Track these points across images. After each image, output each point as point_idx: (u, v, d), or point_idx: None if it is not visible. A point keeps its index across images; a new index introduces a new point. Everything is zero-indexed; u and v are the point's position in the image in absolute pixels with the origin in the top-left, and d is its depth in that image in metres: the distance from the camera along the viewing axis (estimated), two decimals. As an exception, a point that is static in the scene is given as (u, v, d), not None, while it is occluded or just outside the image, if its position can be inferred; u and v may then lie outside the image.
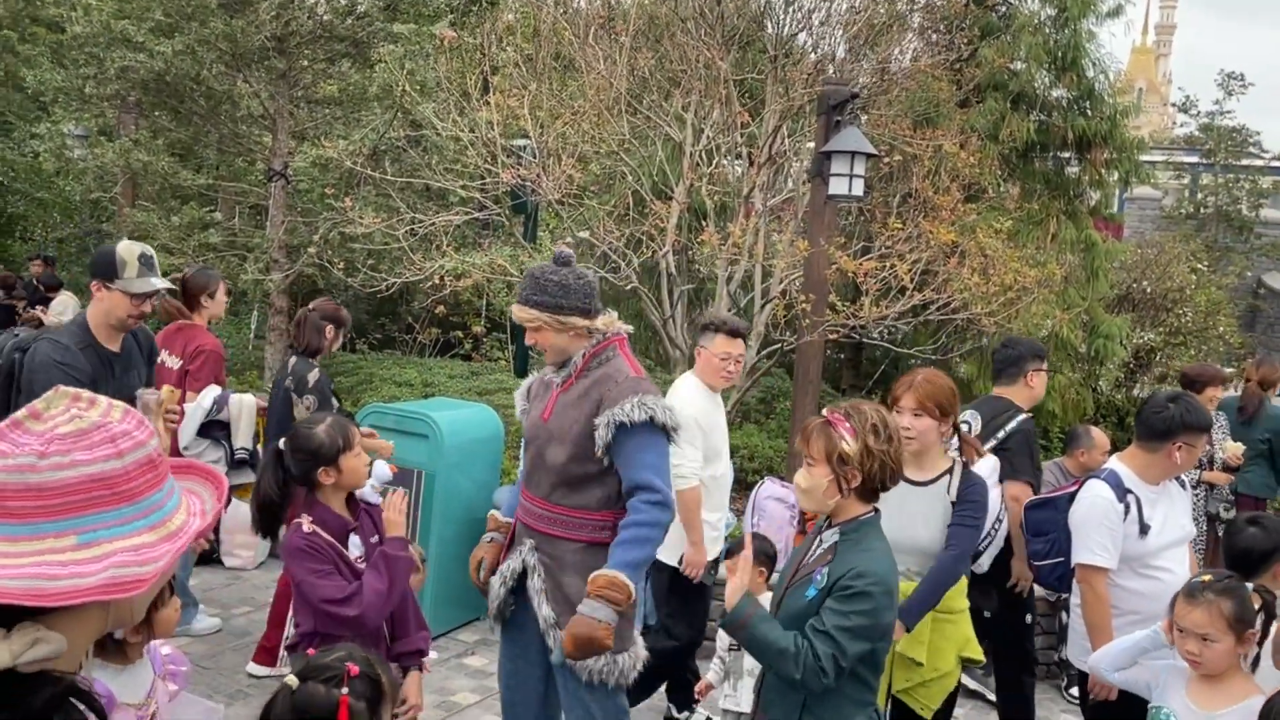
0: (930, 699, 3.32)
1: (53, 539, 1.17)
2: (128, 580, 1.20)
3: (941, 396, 3.32)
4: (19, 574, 1.14)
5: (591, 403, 2.99)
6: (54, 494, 1.18)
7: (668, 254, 7.04)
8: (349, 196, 7.37)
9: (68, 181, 11.51)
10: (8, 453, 1.17)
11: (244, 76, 8.98)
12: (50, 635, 1.19)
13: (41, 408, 1.22)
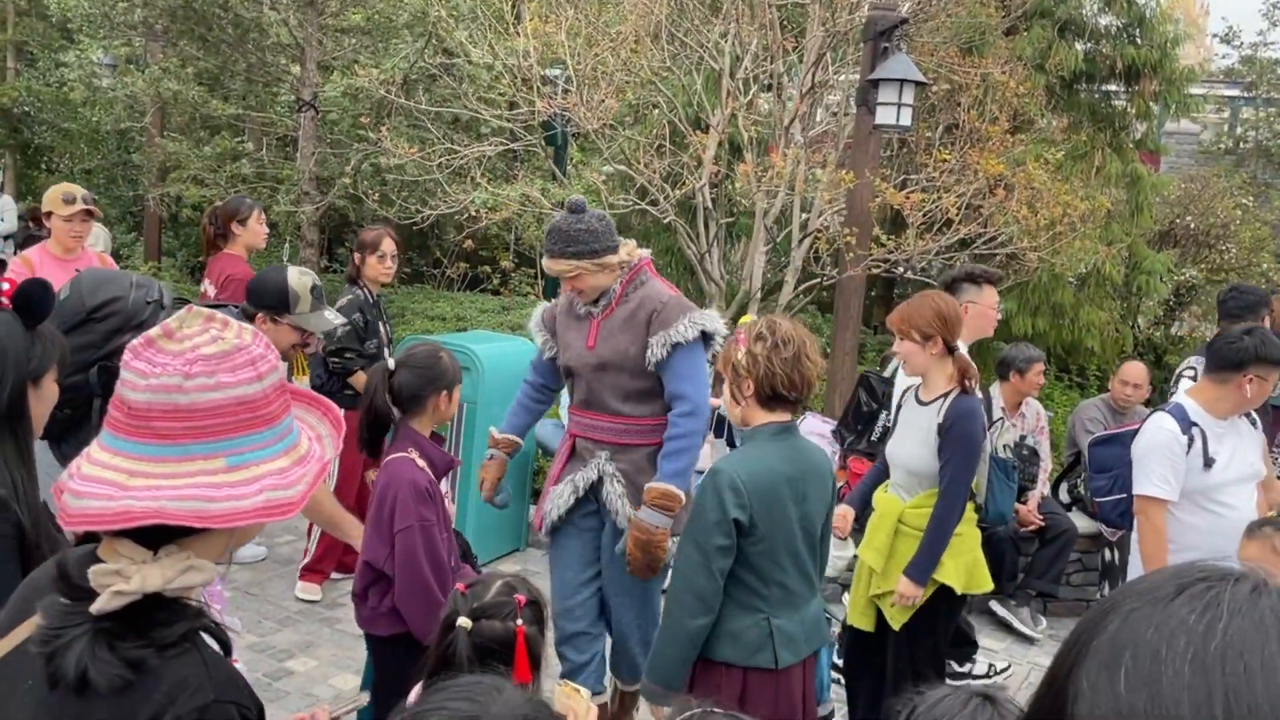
0: (898, 611, 3.41)
1: (202, 461, 1.16)
2: (281, 503, 1.19)
3: (919, 319, 3.30)
4: (178, 495, 1.13)
5: (640, 324, 3.26)
6: (201, 415, 1.16)
7: (704, 187, 6.93)
8: (384, 126, 7.25)
9: (95, 111, 11.41)
10: (148, 372, 1.15)
11: (271, 3, 8.82)
12: (201, 563, 1.18)
13: (175, 326, 1.19)
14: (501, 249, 12.02)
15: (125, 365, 1.17)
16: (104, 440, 1.19)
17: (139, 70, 9.29)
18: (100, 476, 1.15)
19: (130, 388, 1.16)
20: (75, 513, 1.13)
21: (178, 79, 8.67)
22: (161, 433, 1.15)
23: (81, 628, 1.12)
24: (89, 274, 2.62)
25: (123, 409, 1.17)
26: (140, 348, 1.18)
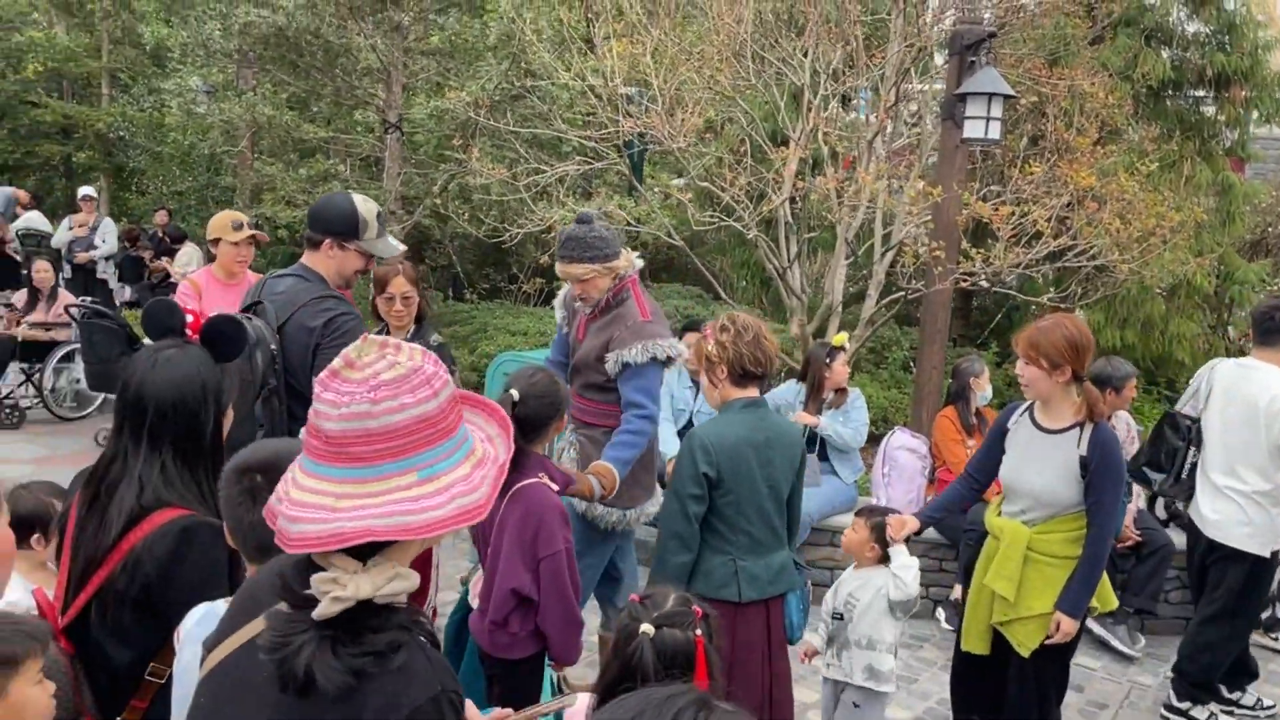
0: (1027, 637, 3.38)
1: (396, 478, 1.25)
2: (471, 508, 1.28)
3: (1048, 346, 3.23)
4: (380, 512, 1.22)
5: (607, 337, 3.66)
6: (390, 437, 1.25)
7: (785, 202, 6.97)
8: (473, 147, 7.43)
9: (189, 136, 11.86)
10: (338, 402, 1.24)
11: (359, 29, 9.09)
12: (406, 571, 1.28)
13: (354, 357, 1.28)
14: (578, 264, 12.21)
15: (316, 398, 1.26)
16: (306, 466, 1.28)
17: (235, 96, 9.64)
18: (310, 501, 1.24)
19: (325, 418, 1.25)
20: (294, 537, 1.23)
21: (271, 104, 8.98)
22: (358, 456, 1.24)
23: (307, 634, 1.22)
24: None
25: (320, 437, 1.26)
26: (327, 380, 1.27)
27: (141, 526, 1.93)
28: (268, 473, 1.72)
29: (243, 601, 1.39)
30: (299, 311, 3.14)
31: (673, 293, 11.37)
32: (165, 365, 2.02)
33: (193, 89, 10.23)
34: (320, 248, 3.30)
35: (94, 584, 1.93)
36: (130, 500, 1.94)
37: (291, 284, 3.23)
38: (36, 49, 16.36)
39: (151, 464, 1.97)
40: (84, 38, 16.70)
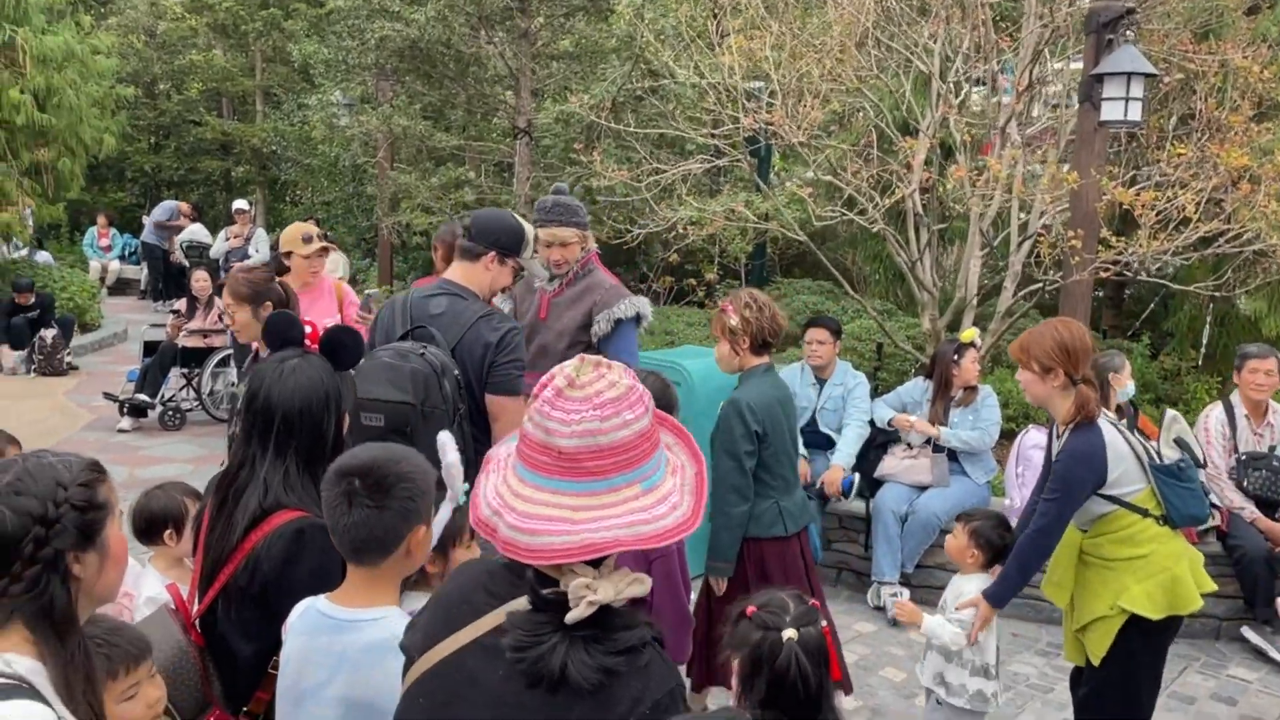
0: (1095, 644, 3.26)
1: (626, 489, 1.34)
2: (686, 519, 1.36)
3: (1039, 350, 3.15)
4: (621, 523, 1.32)
5: (587, 304, 3.81)
6: (617, 451, 1.34)
7: (914, 192, 6.78)
8: (596, 149, 7.53)
9: (333, 148, 12.42)
10: (569, 420, 1.33)
11: (488, 37, 9.33)
12: (641, 576, 1.36)
13: (574, 376, 1.37)
14: (706, 262, 12.21)
15: (545, 416, 1.34)
16: (533, 480, 1.36)
17: (373, 108, 10.04)
18: (546, 514, 1.32)
19: (558, 435, 1.33)
20: (538, 548, 1.31)
21: (406, 114, 9.32)
22: (590, 470, 1.33)
23: (557, 635, 1.31)
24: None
25: (551, 453, 1.34)
26: (553, 399, 1.35)
27: (261, 528, 2.05)
28: (365, 477, 1.79)
29: (450, 606, 1.47)
30: (472, 330, 3.12)
31: (802, 289, 11.23)
32: (291, 375, 2.15)
33: (334, 103, 10.71)
34: (480, 260, 3.28)
35: (220, 581, 2.06)
36: (254, 503, 2.07)
37: (449, 303, 3.19)
38: (198, 70, 17.45)
39: (276, 469, 2.09)
40: (240, 58, 17.72)
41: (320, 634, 1.85)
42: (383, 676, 1.78)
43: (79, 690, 1.40)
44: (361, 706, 1.82)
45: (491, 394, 3.14)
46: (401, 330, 3.16)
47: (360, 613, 1.85)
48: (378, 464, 1.82)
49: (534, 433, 1.36)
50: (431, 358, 2.93)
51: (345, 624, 1.85)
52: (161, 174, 17.94)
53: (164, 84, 18.12)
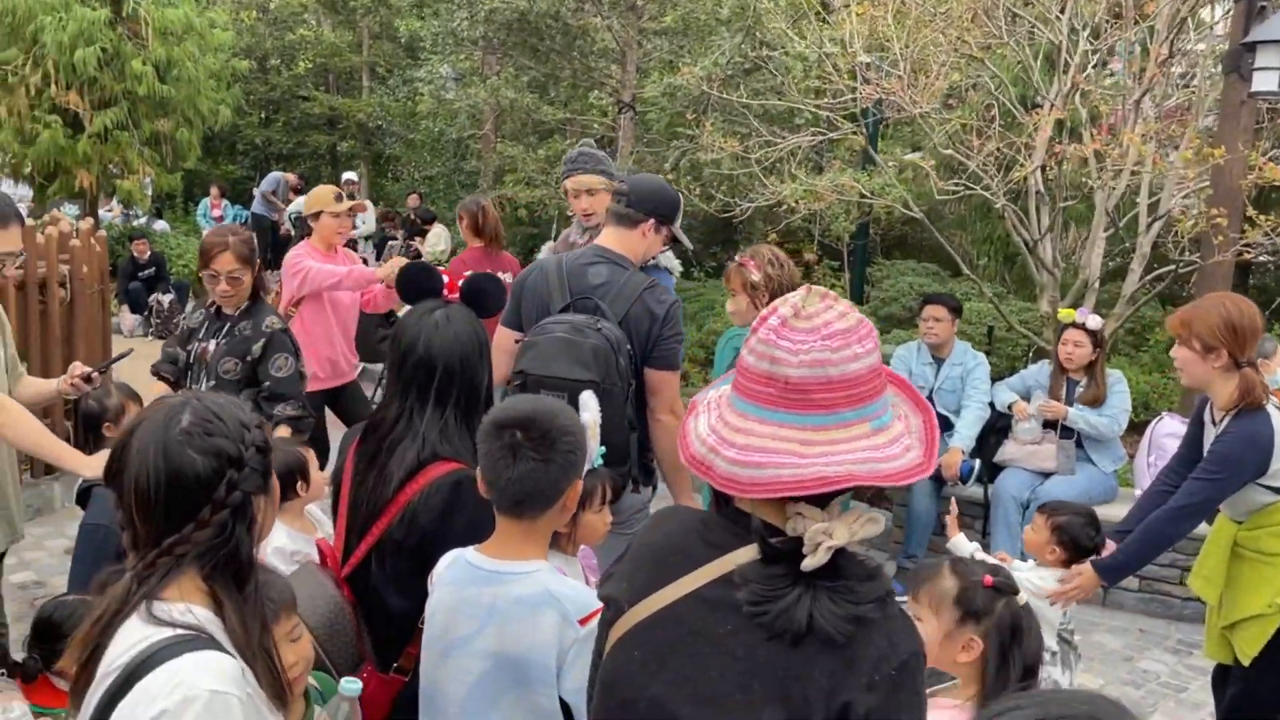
0: (1246, 643, 3.05)
1: (857, 425, 1.26)
2: (920, 462, 1.29)
3: (1203, 327, 2.92)
4: (854, 459, 1.24)
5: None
6: (848, 385, 1.26)
7: (1037, 170, 6.50)
8: (706, 122, 7.42)
9: (438, 122, 12.54)
10: (797, 350, 1.26)
11: (596, 10, 9.28)
12: (876, 514, 1.29)
13: (800, 305, 1.29)
14: (806, 241, 12.00)
15: (771, 344, 1.27)
16: (755, 413, 1.28)
17: (480, 81, 10.09)
18: (772, 447, 1.25)
19: (785, 364, 1.26)
20: (765, 481, 1.24)
21: (513, 88, 9.33)
22: (820, 403, 1.25)
23: (799, 586, 1.24)
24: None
25: (777, 384, 1.26)
26: (779, 328, 1.28)
27: (417, 480, 2.03)
28: (527, 429, 1.75)
29: (661, 556, 1.40)
30: (638, 302, 3.00)
31: (906, 269, 10.95)
32: (448, 326, 2.11)
33: (442, 76, 10.80)
34: (638, 227, 3.11)
35: (373, 535, 2.04)
36: (411, 455, 2.04)
37: (610, 273, 3.04)
38: (307, 46, 17.81)
39: (435, 421, 2.06)
40: (347, 34, 18.03)
41: (470, 585, 1.83)
42: (533, 629, 1.76)
43: (255, 639, 1.37)
44: (510, 660, 1.79)
45: (653, 368, 3.03)
46: (561, 301, 3.01)
47: (512, 565, 1.82)
48: (540, 416, 1.78)
49: (756, 364, 1.29)
50: (608, 333, 2.81)
51: (496, 575, 1.82)
52: (271, 147, 18.39)
53: (275, 59, 18.56)
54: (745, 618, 1.26)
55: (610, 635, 1.41)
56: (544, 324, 2.87)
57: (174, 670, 1.27)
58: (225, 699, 1.27)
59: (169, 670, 1.27)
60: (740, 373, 1.32)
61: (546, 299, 3.04)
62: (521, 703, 1.79)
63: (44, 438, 2.78)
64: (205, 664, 1.29)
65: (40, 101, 10.62)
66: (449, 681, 1.84)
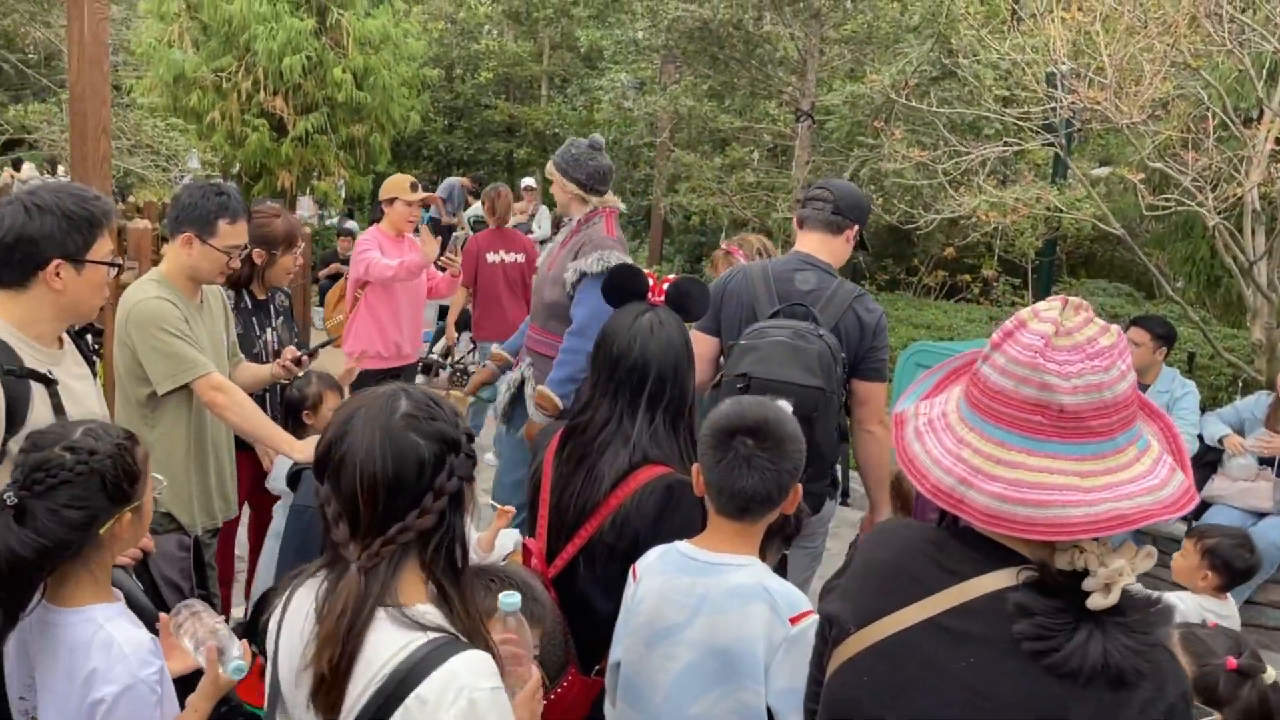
0: None
1: (1128, 449, 1.19)
2: (1188, 488, 1.19)
3: None
4: (1138, 489, 1.16)
5: (574, 254, 3.69)
6: (1120, 407, 1.18)
7: (1255, 187, 6.02)
8: (894, 131, 7.23)
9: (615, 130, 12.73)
10: (1067, 373, 1.16)
11: (778, 18, 9.21)
12: (1149, 548, 1.21)
13: (1060, 321, 1.20)
14: (987, 256, 11.54)
15: (1038, 369, 1.18)
16: (1020, 443, 1.20)
17: (660, 90, 10.18)
18: (1050, 483, 1.17)
19: (1059, 391, 1.16)
20: (1050, 522, 1.16)
21: (692, 95, 9.36)
22: (1096, 430, 1.17)
23: (1084, 621, 1.16)
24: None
25: (1048, 413, 1.17)
26: (1043, 349, 1.18)
27: (628, 483, 2.03)
28: (759, 437, 1.73)
29: (888, 577, 1.34)
30: (849, 311, 2.98)
31: (1096, 289, 10.39)
32: (660, 330, 2.10)
33: (622, 84, 10.96)
34: (842, 233, 3.13)
35: (582, 537, 2.06)
36: (623, 458, 2.04)
37: (818, 279, 3.03)
38: (491, 55, 18.45)
39: (645, 425, 2.07)
40: (528, 44, 18.58)
41: (682, 574, 1.83)
42: (743, 621, 1.74)
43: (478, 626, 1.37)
44: (718, 651, 1.78)
45: (863, 379, 3.00)
46: (770, 307, 2.97)
47: (725, 557, 1.82)
48: (768, 423, 1.77)
49: (1017, 389, 1.19)
50: (828, 340, 2.78)
51: (710, 566, 1.81)
52: (452, 153, 19.13)
53: (460, 68, 19.31)
54: (988, 650, 1.18)
55: (835, 655, 1.35)
56: (761, 328, 2.84)
57: (449, 675, 1.27)
58: (498, 694, 1.29)
59: (444, 677, 1.27)
60: (989, 395, 1.22)
61: (752, 304, 3.03)
62: (727, 698, 1.78)
63: (261, 421, 2.94)
64: (472, 664, 1.29)
65: (250, 106, 11.39)
66: (655, 670, 1.83)
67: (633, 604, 1.88)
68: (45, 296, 2.11)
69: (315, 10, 11.48)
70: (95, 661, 1.64)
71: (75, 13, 5.38)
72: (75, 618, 1.69)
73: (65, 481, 1.65)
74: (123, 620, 1.72)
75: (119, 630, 1.69)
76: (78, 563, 1.71)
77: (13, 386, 2.00)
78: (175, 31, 11.42)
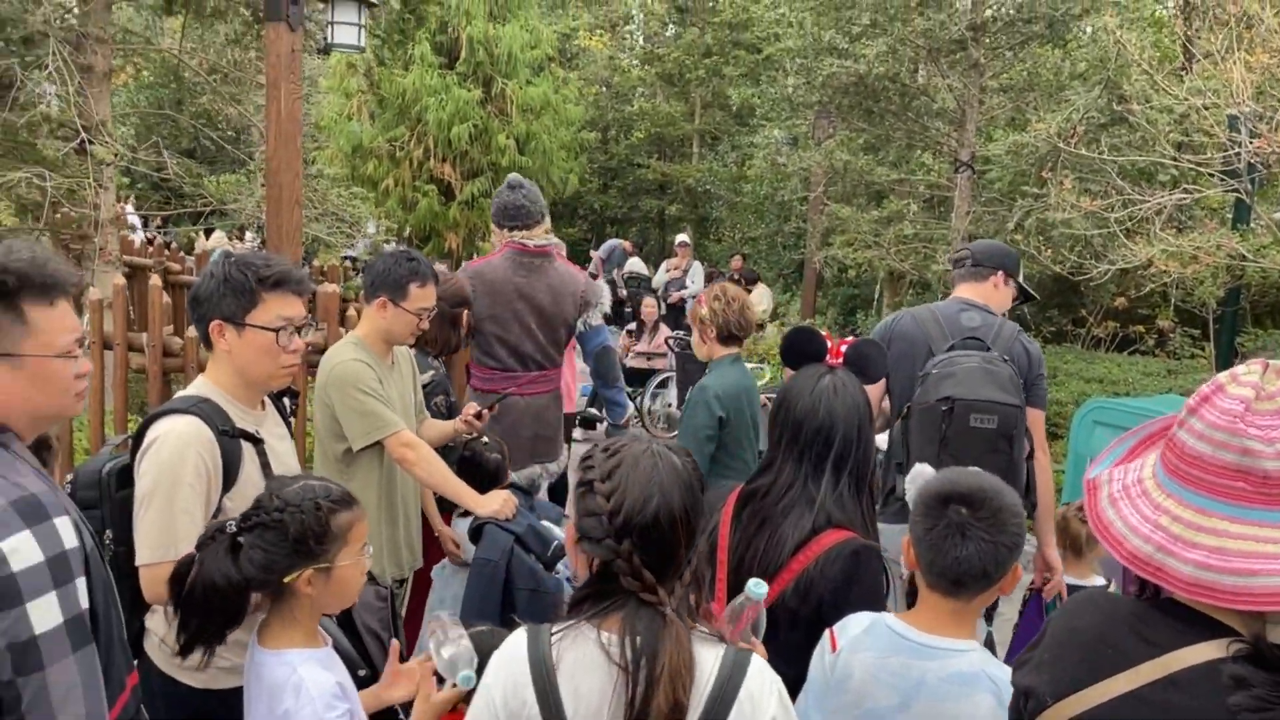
0: None
1: None
2: None
3: None
4: None
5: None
6: None
7: None
8: (1063, 180, 7.03)
9: (767, 185, 12.83)
10: (1274, 438, 1.15)
11: (936, 70, 9.13)
12: None
13: (1261, 384, 1.18)
14: (1162, 307, 10.96)
15: (1238, 434, 1.17)
16: (1223, 510, 1.19)
17: (814, 145, 10.22)
18: (1255, 551, 1.15)
19: (1261, 456, 1.15)
20: (1258, 591, 1.14)
21: (848, 150, 9.35)
22: None
23: None
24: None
25: (1250, 479, 1.16)
26: (1244, 414, 1.17)
27: (811, 547, 2.02)
28: (975, 506, 1.69)
29: (1087, 647, 1.32)
30: (1016, 343, 3.18)
31: (1290, 341, 9.70)
32: (844, 393, 2.11)
33: (776, 141, 11.05)
34: (988, 279, 3.35)
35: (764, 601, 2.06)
36: (807, 522, 2.04)
37: (982, 318, 3.23)
38: (645, 116, 18.94)
39: (831, 488, 2.06)
40: (680, 104, 19.00)
41: (894, 654, 1.77)
42: (966, 711, 1.67)
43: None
44: None
45: (1031, 407, 3.14)
46: (945, 343, 3.16)
47: (943, 640, 1.75)
48: (986, 492, 1.71)
49: (1215, 455, 1.17)
50: (1011, 367, 2.96)
51: (928, 649, 1.75)
52: (607, 212, 19.66)
53: (614, 130, 19.89)
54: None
55: None
56: (949, 357, 3.03)
57: (758, 672, 1.45)
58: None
59: (756, 674, 1.45)
60: (1186, 460, 1.20)
61: (926, 341, 3.22)
62: None
63: (449, 477, 3.08)
64: (759, 658, 1.47)
65: (420, 173, 12.05)
66: None
67: (834, 677, 1.83)
68: (223, 358, 2.23)
69: (481, 81, 12.08)
70: (288, 702, 1.77)
71: (273, 94, 5.85)
72: (274, 659, 1.83)
73: (262, 525, 1.80)
74: (313, 664, 1.84)
75: (309, 673, 1.80)
76: (278, 608, 1.85)
77: (227, 446, 2.14)
78: (355, 105, 12.23)
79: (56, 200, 5.94)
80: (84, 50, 6.29)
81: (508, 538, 3.01)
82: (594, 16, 21.02)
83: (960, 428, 2.81)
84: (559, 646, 1.45)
